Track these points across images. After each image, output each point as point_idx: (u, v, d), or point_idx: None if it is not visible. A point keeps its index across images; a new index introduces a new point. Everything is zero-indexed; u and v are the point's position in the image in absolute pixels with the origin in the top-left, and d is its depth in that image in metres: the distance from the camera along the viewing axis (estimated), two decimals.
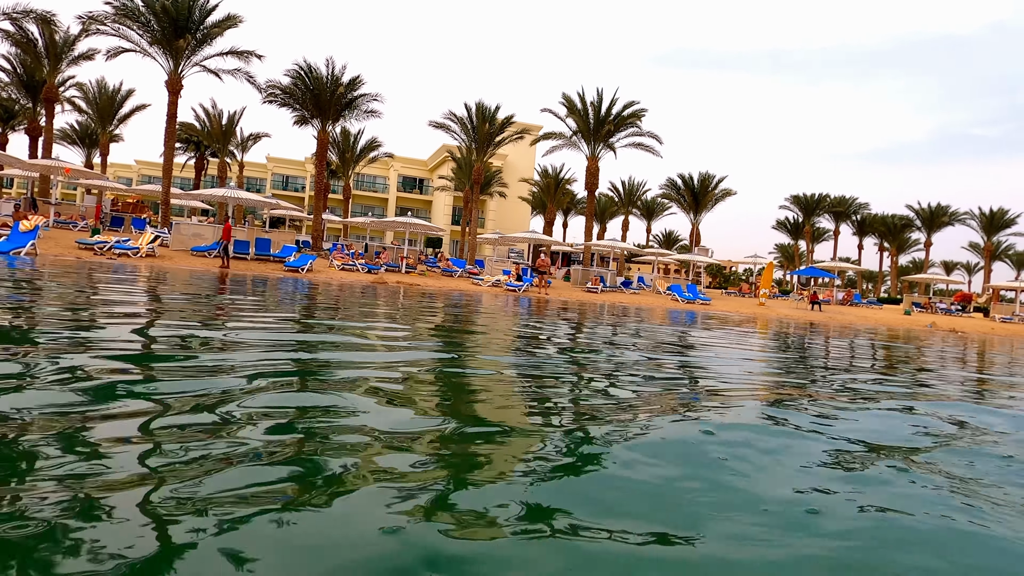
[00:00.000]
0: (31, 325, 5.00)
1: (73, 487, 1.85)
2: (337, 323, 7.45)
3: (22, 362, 3.50)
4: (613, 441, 2.86)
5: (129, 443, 2.29)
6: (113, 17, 27.02)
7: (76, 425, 2.43)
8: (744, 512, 2.09)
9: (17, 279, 9.53)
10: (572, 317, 13.41)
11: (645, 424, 3.27)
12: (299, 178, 65.68)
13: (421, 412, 3.20)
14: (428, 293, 19.19)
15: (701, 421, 3.41)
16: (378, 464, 2.30)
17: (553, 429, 3.07)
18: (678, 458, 2.68)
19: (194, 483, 1.96)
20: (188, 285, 12.03)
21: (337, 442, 2.52)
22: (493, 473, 2.33)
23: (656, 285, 35.72)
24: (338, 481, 2.10)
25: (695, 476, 2.47)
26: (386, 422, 2.85)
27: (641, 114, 35.54)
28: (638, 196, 56.14)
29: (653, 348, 7.57)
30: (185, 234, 26.05)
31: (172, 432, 2.47)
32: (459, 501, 2.00)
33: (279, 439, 2.51)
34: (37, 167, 27.29)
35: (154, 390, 3.13)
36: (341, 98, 31.34)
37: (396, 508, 1.89)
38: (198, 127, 45.65)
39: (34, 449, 2.16)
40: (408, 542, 1.68)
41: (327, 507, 1.88)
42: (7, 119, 42.98)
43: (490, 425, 3.03)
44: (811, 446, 3.05)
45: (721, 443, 2.94)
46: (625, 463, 2.55)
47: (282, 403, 3.10)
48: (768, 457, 2.79)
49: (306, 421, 2.79)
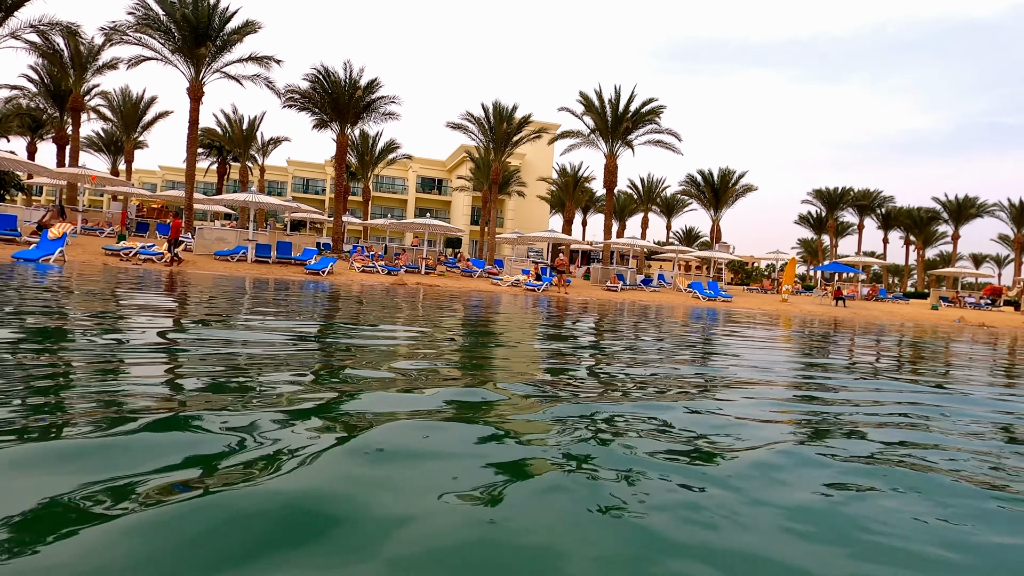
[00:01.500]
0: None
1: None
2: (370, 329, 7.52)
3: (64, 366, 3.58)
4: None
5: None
6: (135, 27, 27.53)
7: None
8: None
9: (48, 287, 9.75)
10: (594, 318, 13.38)
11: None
12: (319, 181, 66.29)
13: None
14: (447, 294, 19.26)
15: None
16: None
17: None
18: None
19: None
20: (238, 291, 12.20)
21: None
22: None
23: (677, 282, 35.52)
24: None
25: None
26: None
27: (659, 111, 35.34)
28: (657, 193, 55.85)
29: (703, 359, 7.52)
30: (208, 238, 26.44)
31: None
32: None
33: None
34: (65, 175, 27.86)
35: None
36: (359, 101, 31.58)
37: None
38: (220, 132, 46.31)
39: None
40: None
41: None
42: (35, 129, 44.00)
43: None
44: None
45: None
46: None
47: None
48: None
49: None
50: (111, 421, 2.50)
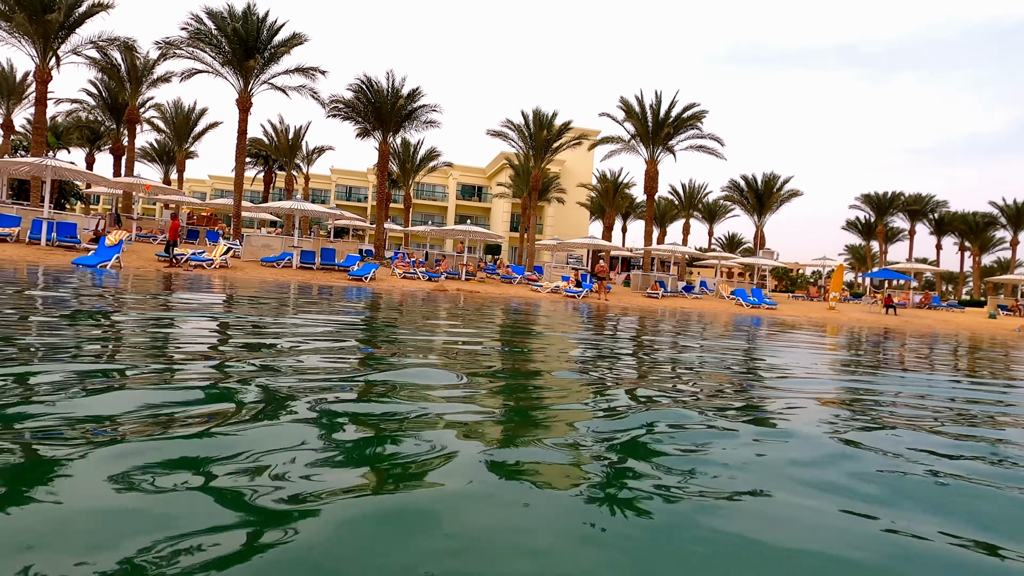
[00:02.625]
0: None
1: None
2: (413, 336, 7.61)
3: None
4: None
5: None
6: (188, 41, 28.53)
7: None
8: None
9: (112, 291, 10.14)
10: (636, 324, 13.25)
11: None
12: (362, 189, 67.42)
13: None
14: (487, 300, 19.34)
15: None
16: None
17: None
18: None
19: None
20: (305, 297, 12.50)
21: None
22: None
23: (719, 289, 34.92)
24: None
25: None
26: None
27: (702, 116, 34.90)
28: (699, 199, 55.10)
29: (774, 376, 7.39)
30: (255, 245, 27.12)
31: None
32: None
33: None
34: (121, 184, 28.95)
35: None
36: (401, 110, 32.02)
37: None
38: (266, 142, 47.53)
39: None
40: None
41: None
42: (94, 140, 45.91)
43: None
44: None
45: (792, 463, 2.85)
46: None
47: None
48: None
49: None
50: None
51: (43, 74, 26.86)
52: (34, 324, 5.49)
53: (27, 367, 3.47)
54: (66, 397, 2.84)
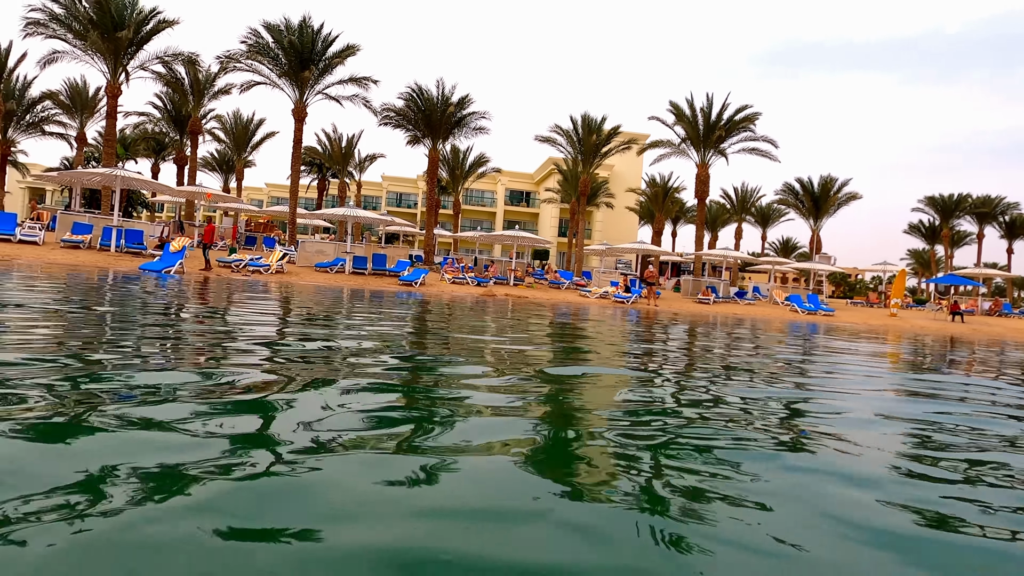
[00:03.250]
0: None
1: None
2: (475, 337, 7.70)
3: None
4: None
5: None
6: (247, 54, 29.60)
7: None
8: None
9: (200, 295, 10.58)
10: (686, 330, 13.05)
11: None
12: (411, 195, 68.44)
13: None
14: (536, 305, 19.35)
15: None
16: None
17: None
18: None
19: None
20: (372, 302, 12.83)
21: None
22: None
23: (773, 295, 34.08)
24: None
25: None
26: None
27: (754, 117, 34.18)
28: (752, 202, 53.87)
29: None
30: (310, 251, 27.84)
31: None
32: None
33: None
34: (184, 193, 30.18)
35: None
36: (451, 117, 32.41)
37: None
38: (320, 150, 48.78)
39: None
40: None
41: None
42: (159, 150, 48.02)
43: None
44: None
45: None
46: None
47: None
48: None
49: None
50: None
51: (113, 89, 28.24)
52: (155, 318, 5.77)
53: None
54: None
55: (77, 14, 26.89)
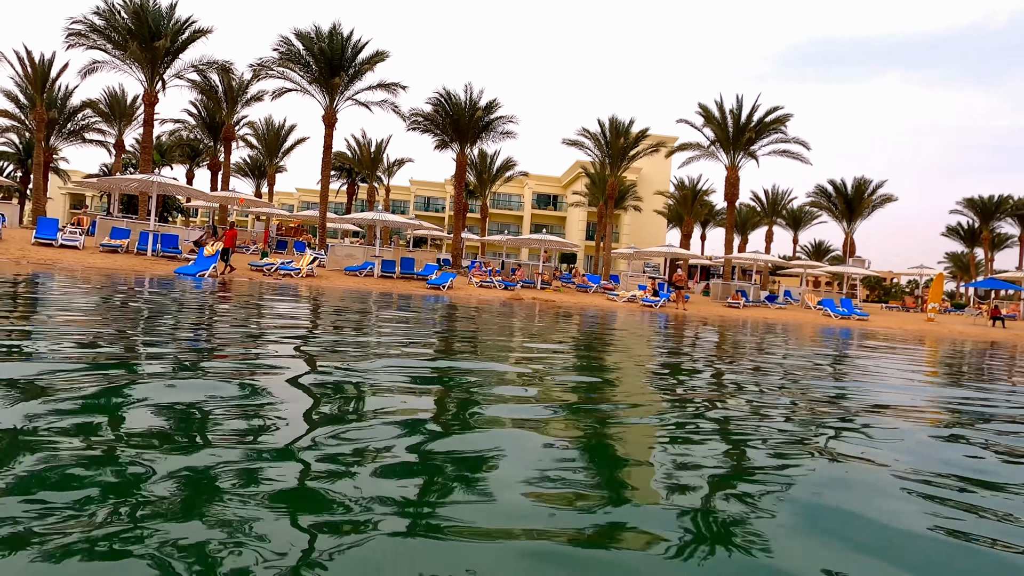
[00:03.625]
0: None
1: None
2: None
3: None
4: None
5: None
6: (279, 62, 30.13)
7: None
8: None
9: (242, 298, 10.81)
10: (715, 335, 12.90)
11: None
12: (439, 199, 68.87)
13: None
14: (563, 309, 19.32)
15: None
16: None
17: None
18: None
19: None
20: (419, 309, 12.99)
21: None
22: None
23: (805, 299, 33.50)
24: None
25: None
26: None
27: (785, 119, 33.72)
28: (783, 205, 53.12)
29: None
30: (339, 255, 28.18)
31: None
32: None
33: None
34: (217, 198, 30.75)
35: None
36: (478, 122, 32.56)
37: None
38: (350, 155, 49.40)
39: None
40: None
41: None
42: (194, 157, 49.11)
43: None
44: None
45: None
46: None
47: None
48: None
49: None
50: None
51: (150, 97, 28.96)
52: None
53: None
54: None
55: (116, 25, 27.67)
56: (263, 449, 2.46)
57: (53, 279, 12.07)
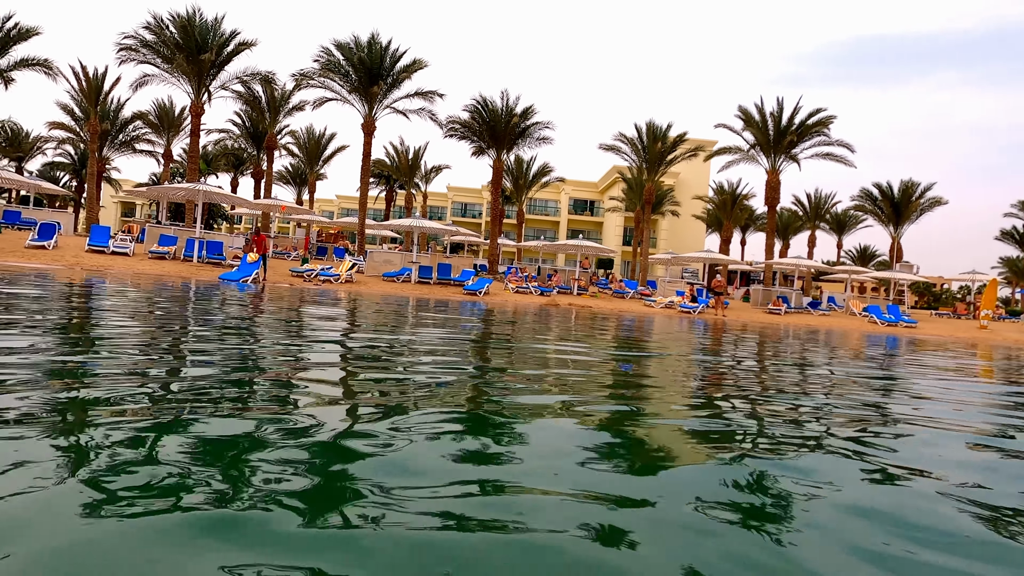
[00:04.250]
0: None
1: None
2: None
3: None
4: None
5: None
6: (319, 72, 30.78)
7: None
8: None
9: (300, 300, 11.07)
10: (756, 342, 12.67)
11: None
12: (476, 205, 69.26)
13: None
14: (599, 315, 19.20)
15: None
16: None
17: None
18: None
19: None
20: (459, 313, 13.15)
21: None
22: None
23: (850, 306, 32.67)
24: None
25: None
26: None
27: (828, 121, 33.02)
28: (826, 209, 51.91)
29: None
30: (377, 261, 28.58)
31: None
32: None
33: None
34: (260, 206, 31.56)
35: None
36: (515, 128, 32.71)
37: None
38: (388, 163, 50.08)
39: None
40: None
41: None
42: (237, 165, 50.44)
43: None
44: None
45: None
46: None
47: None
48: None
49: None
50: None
51: (197, 108, 29.88)
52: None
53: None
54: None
55: (165, 39, 28.67)
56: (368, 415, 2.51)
57: (157, 291, 12.50)
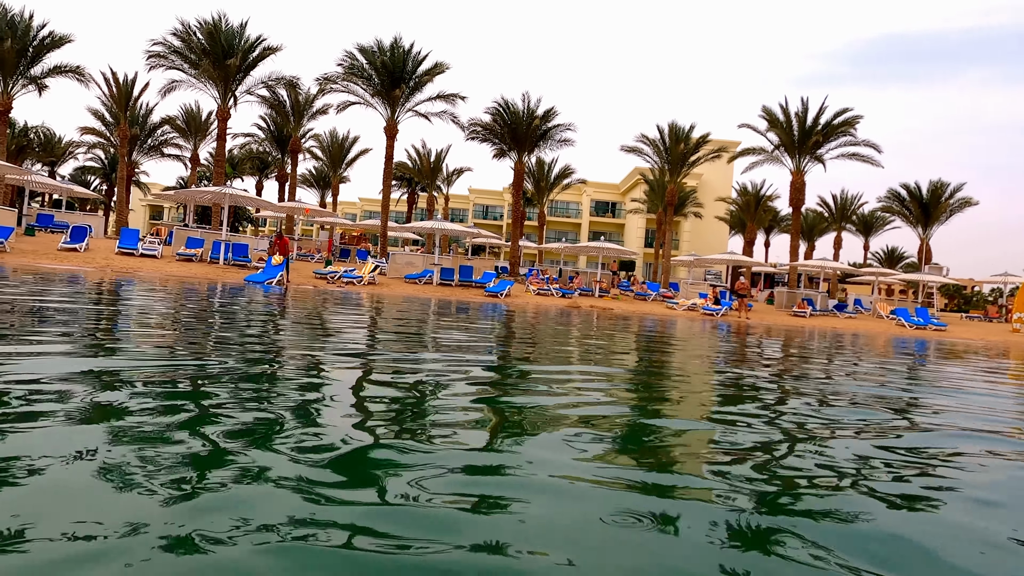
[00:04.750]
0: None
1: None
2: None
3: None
4: None
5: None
6: (343, 76, 31.11)
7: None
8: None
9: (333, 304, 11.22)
10: (780, 345, 12.52)
11: None
12: (497, 207, 69.40)
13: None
14: (620, 317, 19.13)
15: None
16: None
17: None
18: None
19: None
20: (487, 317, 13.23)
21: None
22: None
23: (877, 308, 32.14)
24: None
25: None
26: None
27: (855, 121, 32.54)
28: (852, 210, 51.10)
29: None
30: (400, 263, 28.78)
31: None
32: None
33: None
34: (284, 208, 31.93)
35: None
36: (536, 130, 32.73)
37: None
38: (410, 165, 50.42)
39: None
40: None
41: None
42: (262, 169, 51.16)
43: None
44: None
45: None
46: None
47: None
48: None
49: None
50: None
51: (223, 112, 30.37)
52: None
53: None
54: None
55: (192, 45, 29.21)
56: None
57: (195, 292, 12.75)
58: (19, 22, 28.33)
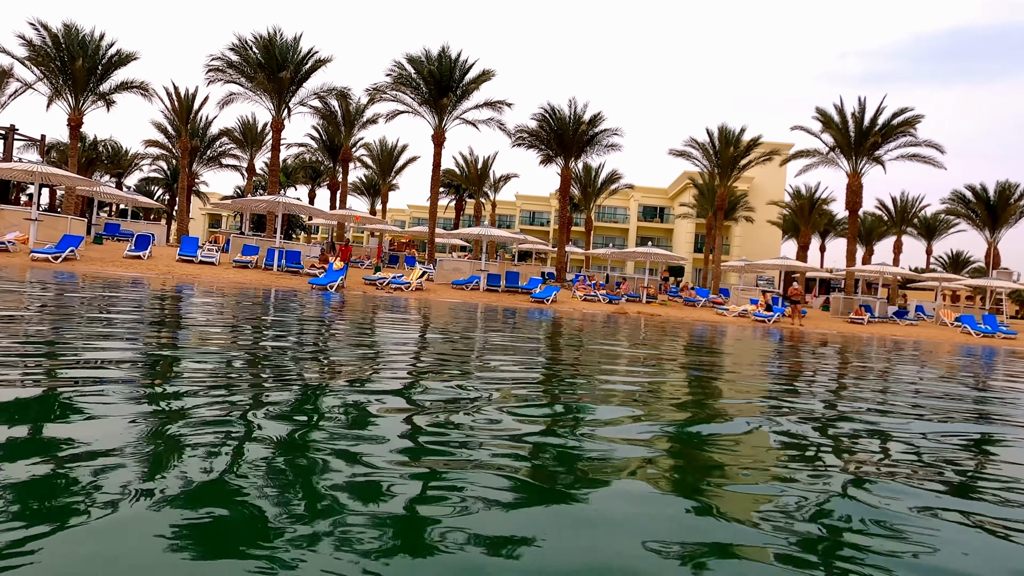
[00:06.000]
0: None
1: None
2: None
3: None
4: None
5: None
6: (391, 86, 31.69)
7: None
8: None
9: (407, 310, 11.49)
10: (837, 354, 12.14)
11: None
12: (544, 213, 69.39)
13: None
14: (669, 324, 18.85)
15: None
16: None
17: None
18: None
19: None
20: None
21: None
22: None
23: (940, 315, 30.78)
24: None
25: None
26: None
27: (915, 121, 31.31)
28: (913, 213, 49.12)
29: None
30: (447, 269, 29.05)
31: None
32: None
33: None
34: (336, 216, 32.66)
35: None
36: (583, 136, 32.64)
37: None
38: (457, 172, 50.91)
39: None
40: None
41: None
42: (315, 178, 52.50)
43: None
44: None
45: None
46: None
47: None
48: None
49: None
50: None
51: (277, 123, 31.31)
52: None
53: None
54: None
55: (248, 59, 30.23)
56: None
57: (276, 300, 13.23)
58: (89, 42, 29.78)
